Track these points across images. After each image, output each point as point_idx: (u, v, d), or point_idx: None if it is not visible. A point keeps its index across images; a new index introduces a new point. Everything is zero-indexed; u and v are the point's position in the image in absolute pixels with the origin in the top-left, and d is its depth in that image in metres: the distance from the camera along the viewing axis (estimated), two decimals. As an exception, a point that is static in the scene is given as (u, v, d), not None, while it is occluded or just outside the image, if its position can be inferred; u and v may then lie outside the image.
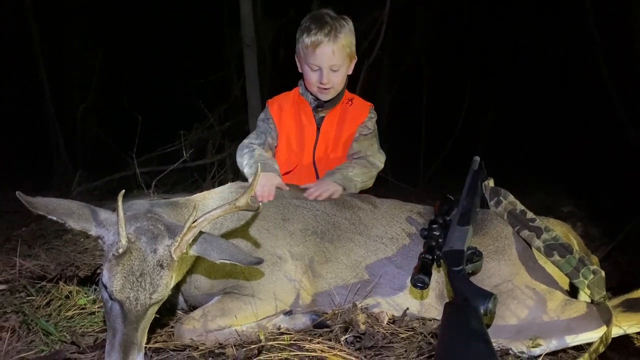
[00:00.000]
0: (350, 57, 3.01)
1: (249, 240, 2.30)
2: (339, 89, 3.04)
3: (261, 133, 3.10)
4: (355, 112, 3.13)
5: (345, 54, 2.94)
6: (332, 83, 2.96)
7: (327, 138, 3.12)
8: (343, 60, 2.95)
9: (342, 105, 3.13)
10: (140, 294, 1.79)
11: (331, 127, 3.12)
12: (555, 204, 5.84)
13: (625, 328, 1.93)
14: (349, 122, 3.11)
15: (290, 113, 3.14)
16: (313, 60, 2.92)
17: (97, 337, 2.16)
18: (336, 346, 1.95)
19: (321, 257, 2.32)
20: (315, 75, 2.96)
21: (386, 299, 2.28)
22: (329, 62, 2.91)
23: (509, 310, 2.05)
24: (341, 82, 3.02)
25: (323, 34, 2.87)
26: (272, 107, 3.15)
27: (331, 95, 3.04)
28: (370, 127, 3.13)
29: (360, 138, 3.09)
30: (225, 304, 2.15)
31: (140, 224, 1.91)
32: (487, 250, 2.23)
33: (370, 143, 3.10)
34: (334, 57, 2.90)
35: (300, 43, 2.96)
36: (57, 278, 2.71)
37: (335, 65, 2.93)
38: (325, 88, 2.98)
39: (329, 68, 2.92)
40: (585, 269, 2.05)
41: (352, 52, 3.00)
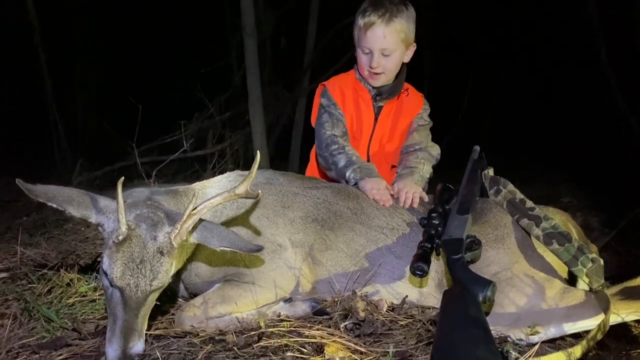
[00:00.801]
0: (406, 44, 2.93)
1: (249, 228, 2.30)
2: (390, 76, 2.98)
3: (337, 121, 3.02)
4: (410, 103, 3.10)
5: (398, 39, 2.87)
6: (382, 68, 2.90)
7: (384, 129, 3.08)
8: (396, 45, 2.87)
9: (400, 96, 3.09)
10: (140, 280, 1.81)
11: (388, 117, 3.08)
12: (555, 194, 5.85)
13: (623, 316, 1.93)
14: (405, 113, 3.08)
15: (351, 98, 3.08)
16: (365, 43, 2.88)
17: (98, 323, 2.17)
18: (335, 333, 1.96)
19: (321, 244, 2.33)
20: (366, 58, 2.92)
21: (386, 287, 2.29)
22: (380, 44, 2.85)
23: (508, 298, 2.06)
24: (394, 68, 2.95)
25: (377, 15, 2.82)
26: (334, 91, 3.07)
27: (382, 82, 2.98)
28: (426, 119, 3.12)
29: (419, 129, 3.06)
30: (225, 292, 2.16)
31: (140, 211, 1.92)
32: (487, 238, 2.24)
33: (427, 134, 3.08)
34: (385, 40, 2.84)
35: (355, 26, 2.93)
36: (58, 266, 2.72)
37: (387, 49, 2.86)
38: (375, 72, 2.92)
39: (379, 51, 2.87)
40: (584, 257, 2.06)
41: (409, 38, 2.92)
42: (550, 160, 8.20)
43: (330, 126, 3.00)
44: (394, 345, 1.88)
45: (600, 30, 3.82)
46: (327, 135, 2.97)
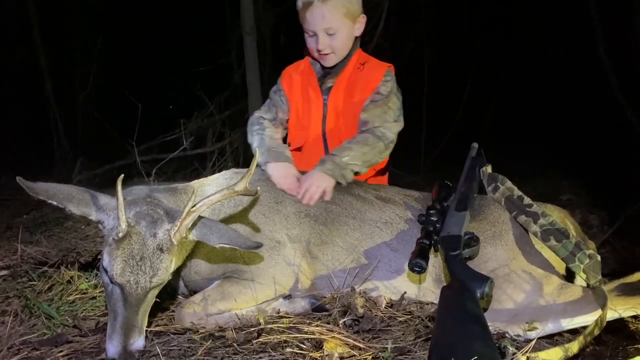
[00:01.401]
0: (352, 18, 2.80)
1: (247, 226, 2.32)
2: (342, 54, 2.85)
3: (272, 106, 2.98)
4: (366, 77, 2.86)
5: (341, 15, 2.74)
6: (330, 48, 2.79)
7: (337, 108, 2.90)
8: (340, 22, 2.75)
9: (352, 71, 2.89)
10: (140, 277, 1.82)
11: (340, 97, 2.89)
12: (555, 191, 5.86)
13: (620, 312, 1.94)
14: (359, 88, 2.85)
15: (299, 84, 2.97)
16: (307, 25, 2.78)
17: (98, 320, 2.18)
18: (334, 329, 1.97)
19: (317, 239, 2.34)
20: (312, 41, 2.81)
21: (384, 283, 2.30)
22: (322, 25, 2.74)
23: (506, 294, 2.08)
24: (343, 46, 2.82)
25: None
26: (284, 78, 3.01)
27: (334, 61, 2.86)
28: (383, 93, 2.82)
29: (369, 106, 2.80)
30: (225, 288, 2.18)
31: (140, 208, 1.93)
32: (485, 235, 2.25)
33: (382, 111, 2.78)
34: (326, 19, 2.72)
35: (298, 10, 2.82)
36: (58, 263, 2.74)
37: (331, 28, 2.74)
38: (324, 54, 2.81)
39: (324, 32, 2.75)
40: (581, 253, 2.07)
41: (353, 11, 2.79)
42: (550, 157, 8.21)
43: (264, 110, 2.97)
44: (392, 341, 1.90)
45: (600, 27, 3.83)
46: (255, 116, 2.94)
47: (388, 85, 2.84)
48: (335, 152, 2.66)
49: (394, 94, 2.86)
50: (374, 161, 2.73)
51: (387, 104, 2.81)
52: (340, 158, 2.60)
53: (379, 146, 2.71)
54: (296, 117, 2.99)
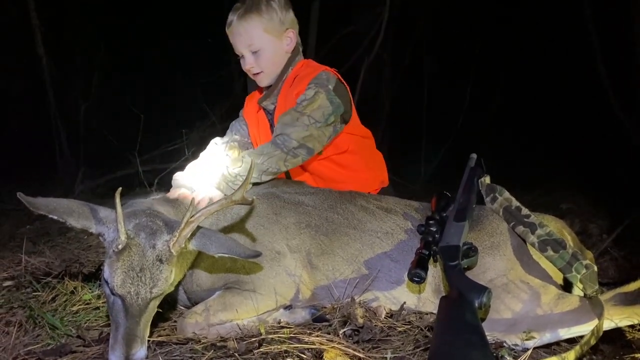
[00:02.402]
0: (275, 34, 2.72)
1: (247, 237, 2.34)
2: (272, 71, 2.77)
3: (229, 132, 3.07)
4: (294, 89, 2.73)
5: (260, 31, 2.68)
6: (258, 67, 2.73)
7: None
8: (261, 38, 2.69)
9: (287, 88, 2.78)
10: (140, 288, 1.85)
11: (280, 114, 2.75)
12: (555, 200, 5.89)
13: (617, 321, 1.96)
14: (290, 102, 2.72)
15: (253, 110, 2.97)
16: (234, 48, 2.74)
17: (101, 331, 2.21)
18: (335, 339, 1.99)
19: (317, 249, 2.36)
20: (242, 62, 2.76)
21: (384, 293, 2.32)
22: (243, 42, 2.69)
23: (504, 304, 2.10)
24: (271, 63, 2.74)
25: (234, 13, 2.69)
26: (244, 105, 3.07)
27: (267, 80, 2.80)
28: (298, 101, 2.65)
29: (280, 117, 2.66)
30: (226, 299, 2.20)
31: (139, 220, 1.96)
32: (483, 245, 2.27)
33: (291, 118, 2.58)
34: (246, 36, 2.67)
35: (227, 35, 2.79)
36: (62, 274, 2.77)
37: (252, 45, 2.69)
38: (253, 73, 2.76)
39: (247, 50, 2.71)
40: (577, 263, 2.09)
41: (274, 27, 2.71)
42: (550, 166, 8.24)
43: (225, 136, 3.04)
44: (391, 351, 1.92)
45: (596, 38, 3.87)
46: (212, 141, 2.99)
47: (309, 93, 2.66)
48: (227, 163, 2.51)
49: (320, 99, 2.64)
50: (274, 170, 2.53)
51: (299, 111, 2.61)
52: (229, 170, 2.47)
53: (277, 154, 2.51)
54: (255, 142, 3.01)
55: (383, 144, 3.06)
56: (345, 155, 2.89)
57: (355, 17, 6.62)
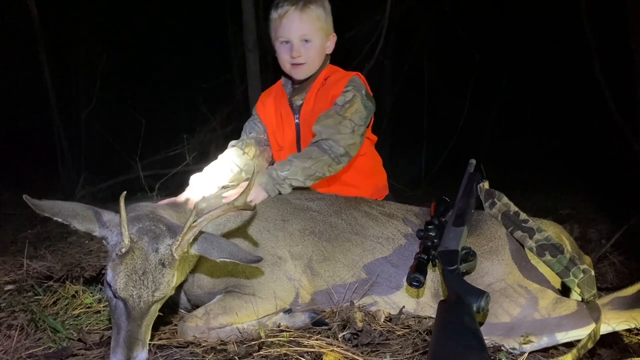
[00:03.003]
0: (325, 32, 2.85)
1: (250, 241, 2.36)
2: (313, 66, 2.85)
3: (244, 133, 3.07)
4: (328, 92, 2.83)
5: (317, 26, 2.79)
6: (305, 57, 2.79)
7: (310, 127, 2.82)
8: (315, 32, 2.79)
9: (319, 87, 2.88)
10: (143, 291, 1.86)
11: (310, 114, 2.86)
12: (555, 205, 5.91)
13: (614, 325, 1.97)
14: (324, 104, 2.81)
15: (272, 107, 3.00)
16: (282, 32, 2.78)
17: (102, 334, 2.22)
18: (334, 343, 2.01)
19: (319, 256, 2.38)
20: (286, 49, 2.81)
21: (383, 298, 2.34)
22: (298, 31, 2.76)
23: (502, 309, 2.11)
24: (315, 58, 2.83)
25: (290, 4, 2.76)
26: (258, 105, 3.08)
27: (306, 73, 2.86)
28: (340, 103, 2.74)
29: (321, 118, 2.72)
30: (227, 303, 2.22)
31: (142, 224, 1.98)
32: (482, 250, 2.29)
33: (334, 122, 2.67)
34: (303, 26, 2.76)
35: (270, 22, 2.85)
36: (63, 278, 2.79)
37: (307, 35, 2.77)
38: (297, 63, 2.81)
39: (299, 39, 2.77)
40: (575, 268, 2.11)
41: (326, 27, 2.85)
42: (550, 172, 8.26)
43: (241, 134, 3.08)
44: (390, 355, 1.93)
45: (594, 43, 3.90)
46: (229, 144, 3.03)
47: (347, 95, 2.76)
48: (275, 166, 2.60)
49: (357, 103, 2.75)
50: (319, 174, 2.61)
51: (341, 114, 2.69)
52: (278, 172, 2.54)
53: (324, 159, 2.60)
54: (274, 139, 3.04)
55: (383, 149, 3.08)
56: (360, 159, 2.94)
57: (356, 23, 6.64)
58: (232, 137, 6.74)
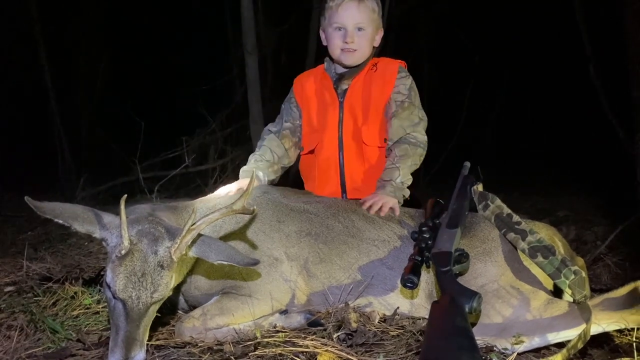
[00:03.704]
0: (376, 25, 2.97)
1: (246, 242, 2.39)
2: (363, 54, 2.96)
3: (280, 118, 3.15)
4: (381, 76, 2.98)
5: (371, 17, 2.92)
6: (357, 44, 2.90)
7: (354, 110, 2.99)
8: (369, 21, 2.92)
9: (367, 74, 3.01)
10: (141, 293, 1.89)
11: (357, 98, 2.99)
12: (552, 207, 5.93)
13: (604, 326, 2.00)
14: (375, 88, 2.97)
15: (313, 89, 3.10)
16: (337, 19, 2.90)
17: (101, 335, 2.25)
18: (329, 343, 2.04)
19: (315, 257, 2.41)
20: (339, 35, 2.92)
21: (378, 299, 2.37)
22: (354, 19, 2.89)
23: (494, 309, 2.14)
24: (366, 46, 2.94)
25: None
26: (296, 86, 3.16)
27: (356, 60, 2.96)
28: (404, 92, 2.94)
29: (398, 112, 2.91)
30: (223, 304, 2.25)
31: (142, 226, 2.01)
32: (475, 251, 2.32)
33: (409, 113, 2.91)
34: (359, 14, 2.88)
35: (326, 10, 2.98)
36: (62, 279, 2.81)
37: (361, 23, 2.90)
38: (350, 50, 2.91)
39: (354, 26, 2.89)
40: (566, 269, 2.13)
41: (379, 21, 2.98)
42: (550, 173, 8.30)
43: (275, 121, 3.17)
44: (384, 355, 1.96)
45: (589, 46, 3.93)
46: (265, 128, 3.18)
47: (407, 82, 2.97)
48: (385, 177, 2.79)
49: (414, 90, 2.98)
50: (416, 167, 2.88)
51: (412, 104, 2.94)
52: (394, 181, 2.75)
53: (418, 152, 2.87)
54: (308, 121, 3.11)
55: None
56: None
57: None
58: (232, 139, 6.79)
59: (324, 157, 3.04)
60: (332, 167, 3.03)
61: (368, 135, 2.97)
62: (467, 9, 8.94)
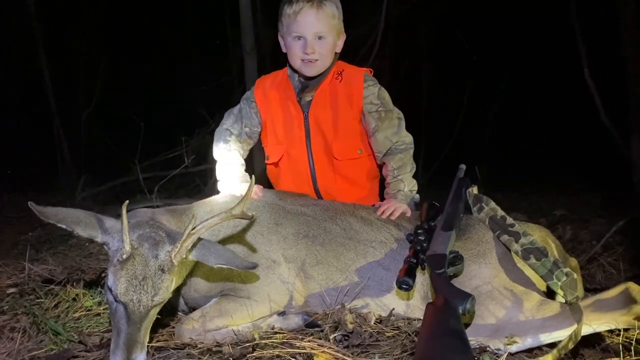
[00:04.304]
0: (337, 32, 2.88)
1: (245, 245, 2.43)
2: (325, 63, 2.86)
3: (240, 118, 3.01)
4: (347, 88, 2.90)
5: (331, 24, 2.82)
6: (318, 53, 2.80)
7: (321, 125, 2.92)
8: (329, 29, 2.82)
9: (331, 83, 2.92)
10: (142, 296, 1.94)
11: (322, 111, 2.91)
12: (550, 206, 5.97)
13: (595, 327, 2.04)
14: (342, 100, 2.90)
15: (277, 99, 2.97)
16: (296, 29, 2.79)
17: (102, 336, 2.29)
18: (325, 344, 2.08)
19: (312, 259, 2.45)
20: (298, 45, 2.81)
21: (375, 300, 2.41)
22: (313, 28, 2.78)
23: (488, 310, 2.18)
24: (327, 54, 2.85)
25: (305, 1, 2.77)
26: (257, 88, 3.01)
27: (317, 70, 2.86)
28: (375, 102, 2.90)
29: (379, 125, 2.90)
30: (222, 305, 2.29)
31: (143, 231, 2.05)
32: (469, 253, 2.36)
33: (389, 121, 2.92)
34: (319, 23, 2.78)
35: (283, 16, 2.85)
36: (64, 281, 2.85)
37: (321, 32, 2.80)
38: (310, 60, 2.81)
39: (313, 35, 2.79)
40: (558, 271, 2.17)
41: (339, 26, 2.89)
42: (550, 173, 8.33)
43: (232, 121, 3.01)
44: (379, 356, 2.01)
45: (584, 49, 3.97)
46: (223, 128, 3.01)
47: (374, 90, 2.92)
48: (393, 190, 2.87)
49: (382, 93, 2.95)
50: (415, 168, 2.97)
51: (387, 110, 2.94)
52: (402, 191, 2.85)
53: (410, 154, 2.95)
54: (273, 131, 3.01)
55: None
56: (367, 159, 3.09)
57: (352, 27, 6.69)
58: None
59: (289, 171, 3.03)
60: (304, 180, 3.03)
61: (340, 151, 2.95)
62: (466, 9, 8.94)
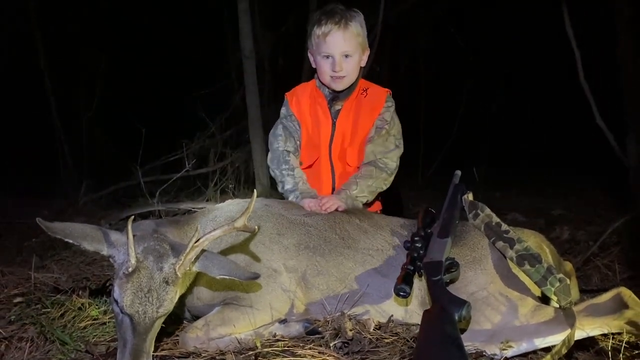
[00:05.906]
0: (362, 48, 3.10)
1: (247, 254, 2.49)
2: (352, 78, 3.10)
3: (289, 136, 3.23)
4: (370, 103, 3.16)
5: (356, 43, 3.04)
6: (345, 71, 3.04)
7: (344, 132, 3.16)
8: (355, 48, 3.04)
9: (357, 97, 3.18)
10: (148, 308, 1.99)
11: (347, 120, 3.16)
12: (549, 206, 6.02)
13: (588, 331, 2.10)
14: (364, 113, 3.15)
15: (307, 106, 3.22)
16: (325, 49, 3.03)
17: (109, 345, 2.34)
18: (326, 351, 2.14)
19: (313, 270, 2.51)
20: (327, 63, 3.06)
21: (374, 307, 2.46)
22: (340, 48, 3.01)
23: (484, 316, 2.24)
24: (354, 70, 3.09)
25: (333, 22, 2.99)
26: (292, 101, 3.25)
27: (345, 85, 3.10)
28: (387, 119, 3.14)
29: (374, 138, 3.12)
30: (225, 314, 2.35)
31: (148, 244, 2.11)
32: (465, 260, 2.41)
33: (384, 140, 3.12)
34: (345, 43, 3.01)
35: (312, 36, 3.08)
36: (70, 291, 2.90)
37: (348, 51, 3.02)
38: (338, 77, 3.05)
39: (341, 54, 3.02)
40: (552, 277, 2.22)
41: (364, 42, 3.10)
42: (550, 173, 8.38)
43: (284, 140, 3.23)
44: (378, 362, 2.07)
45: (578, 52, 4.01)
46: (280, 150, 3.21)
47: (390, 110, 3.16)
48: (344, 187, 3.03)
49: (396, 120, 3.19)
50: (379, 189, 3.11)
51: (389, 132, 3.13)
52: (348, 192, 2.98)
53: (383, 176, 3.09)
54: (307, 136, 3.24)
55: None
56: None
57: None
58: (231, 142, 6.86)
59: (318, 173, 3.23)
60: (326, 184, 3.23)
61: (352, 158, 3.18)
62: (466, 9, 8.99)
